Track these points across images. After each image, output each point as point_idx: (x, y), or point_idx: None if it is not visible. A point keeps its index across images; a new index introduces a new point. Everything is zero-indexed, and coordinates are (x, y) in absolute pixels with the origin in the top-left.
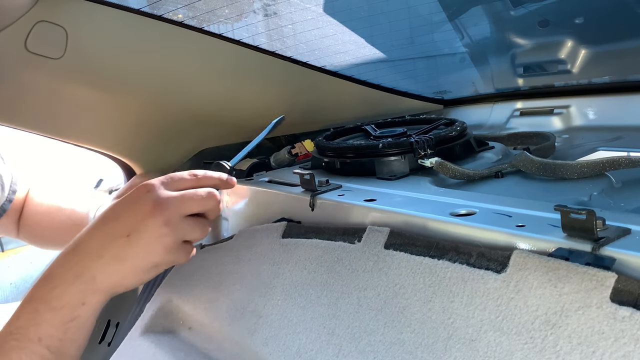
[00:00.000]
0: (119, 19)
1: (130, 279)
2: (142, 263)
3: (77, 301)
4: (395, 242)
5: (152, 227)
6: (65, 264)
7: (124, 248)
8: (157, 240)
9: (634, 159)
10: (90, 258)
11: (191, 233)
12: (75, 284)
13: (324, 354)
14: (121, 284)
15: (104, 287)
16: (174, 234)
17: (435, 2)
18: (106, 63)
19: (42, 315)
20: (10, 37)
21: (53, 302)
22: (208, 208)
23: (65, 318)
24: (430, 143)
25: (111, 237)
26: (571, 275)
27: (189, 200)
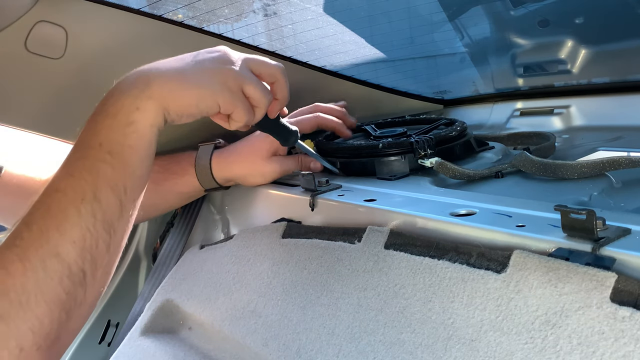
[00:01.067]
0: (119, 19)
1: (186, 95)
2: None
3: (131, 105)
4: (395, 242)
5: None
6: (125, 78)
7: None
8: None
9: (634, 159)
10: (150, 68)
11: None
12: (130, 90)
13: (324, 354)
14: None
15: (158, 94)
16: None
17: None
18: (106, 63)
19: (101, 123)
20: (10, 37)
21: (110, 109)
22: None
23: (121, 122)
24: (430, 143)
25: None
26: (571, 275)
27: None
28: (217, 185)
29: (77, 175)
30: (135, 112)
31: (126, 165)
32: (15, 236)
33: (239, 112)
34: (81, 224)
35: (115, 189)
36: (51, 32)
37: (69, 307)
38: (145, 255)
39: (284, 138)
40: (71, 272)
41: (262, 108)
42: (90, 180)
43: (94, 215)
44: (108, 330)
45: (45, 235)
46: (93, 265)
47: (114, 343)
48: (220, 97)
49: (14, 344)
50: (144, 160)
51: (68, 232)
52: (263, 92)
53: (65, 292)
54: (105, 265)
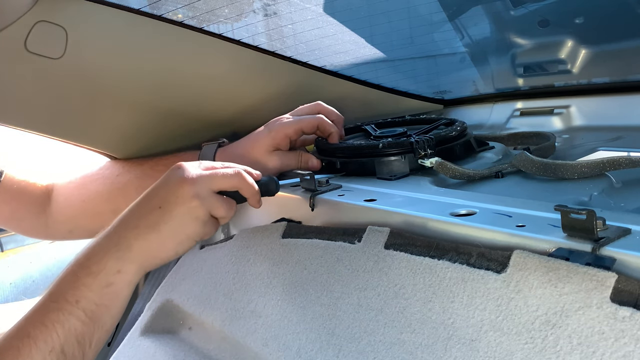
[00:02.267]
0: (119, 19)
1: (164, 249)
2: (174, 233)
3: (114, 268)
4: (395, 242)
5: (181, 199)
6: (106, 235)
7: (157, 218)
8: (187, 211)
9: (634, 159)
10: (127, 228)
11: (218, 209)
12: (112, 252)
13: (324, 354)
14: (156, 255)
15: (139, 256)
16: (203, 206)
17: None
18: (106, 63)
19: (81, 279)
20: (10, 37)
21: (92, 267)
22: (235, 184)
23: (101, 283)
24: (430, 143)
25: (146, 209)
26: (571, 275)
27: (217, 176)
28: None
29: (50, 327)
30: (116, 275)
31: (97, 322)
32: None
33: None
34: None
35: (82, 343)
36: (51, 32)
37: None
38: None
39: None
40: None
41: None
42: (62, 335)
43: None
44: None
45: None
46: None
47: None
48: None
49: None
50: (114, 316)
51: None
52: (228, 209)
53: None
54: None
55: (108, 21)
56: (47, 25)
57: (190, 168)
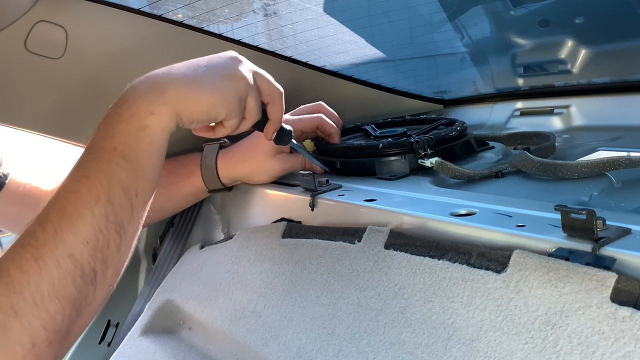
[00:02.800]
0: (119, 19)
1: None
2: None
3: (146, 110)
4: (395, 242)
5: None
6: (140, 82)
7: (199, 71)
8: (233, 79)
9: (634, 159)
10: (165, 74)
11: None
12: (145, 95)
13: (324, 354)
14: (189, 104)
15: (172, 100)
16: (245, 84)
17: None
18: (106, 63)
19: (115, 127)
20: (10, 37)
21: (124, 113)
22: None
23: (136, 126)
24: (430, 143)
25: (191, 65)
26: (571, 275)
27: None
28: (221, 185)
29: (92, 177)
30: (149, 117)
31: (139, 168)
32: (29, 235)
33: (235, 121)
34: (94, 225)
35: (128, 191)
36: (51, 32)
37: (80, 304)
38: (145, 255)
39: (278, 137)
40: (83, 271)
41: (250, 122)
42: (105, 183)
43: (106, 217)
44: (108, 330)
45: (59, 236)
46: (104, 264)
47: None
48: (230, 104)
49: (27, 339)
50: (155, 163)
51: (81, 233)
52: (258, 107)
53: (77, 290)
54: (115, 264)
55: (108, 21)
56: (47, 25)
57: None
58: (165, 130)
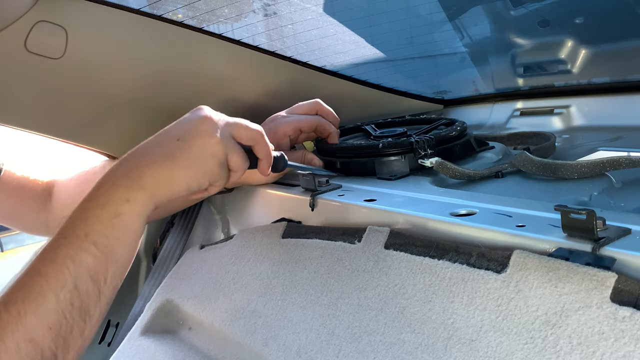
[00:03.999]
0: (119, 19)
1: (177, 180)
2: (189, 164)
3: (122, 197)
4: (395, 242)
5: (203, 133)
6: (116, 167)
7: (174, 148)
8: (206, 146)
9: (634, 159)
10: (139, 157)
11: (235, 155)
12: (122, 181)
13: (324, 354)
14: (168, 185)
15: (150, 185)
16: (222, 145)
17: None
18: (106, 63)
19: (89, 212)
20: (10, 37)
21: (100, 199)
22: (254, 137)
23: (110, 213)
24: (430, 143)
25: (163, 140)
26: (571, 275)
27: (239, 124)
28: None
29: (60, 262)
30: (124, 204)
31: (110, 256)
32: None
33: (222, 181)
34: (59, 310)
35: (96, 278)
36: (51, 32)
37: None
38: (145, 255)
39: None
40: (43, 356)
41: (240, 173)
42: (72, 270)
43: (72, 303)
44: (108, 330)
45: (22, 319)
46: (65, 349)
47: (114, 343)
48: (210, 172)
49: None
50: (127, 249)
51: (45, 318)
52: (243, 159)
53: None
54: (77, 348)
55: (108, 21)
56: (47, 25)
57: (212, 111)
58: (141, 216)
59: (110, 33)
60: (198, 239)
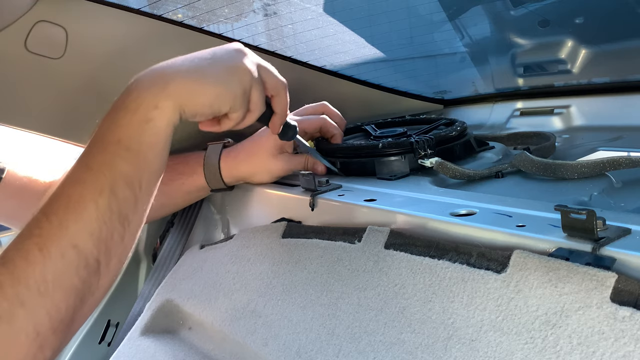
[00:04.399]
0: (119, 19)
1: (202, 93)
2: (216, 81)
3: (150, 103)
4: (395, 242)
5: (236, 60)
6: (145, 75)
7: (202, 63)
8: (236, 70)
9: (634, 159)
10: (169, 67)
11: (257, 92)
12: (150, 88)
13: (324, 354)
14: (193, 96)
15: (176, 93)
16: (249, 77)
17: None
18: (106, 63)
19: (120, 120)
20: (10, 37)
21: (129, 106)
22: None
23: (140, 118)
24: (430, 143)
25: (196, 57)
26: (571, 275)
27: (270, 70)
28: (223, 185)
29: (96, 169)
30: (153, 110)
31: (143, 161)
32: (34, 225)
33: (240, 113)
34: (98, 216)
35: (132, 184)
36: (51, 32)
37: (83, 294)
38: (145, 255)
39: (283, 132)
40: (87, 262)
41: (256, 114)
42: (109, 175)
43: (110, 208)
44: (108, 330)
45: (64, 227)
46: (108, 255)
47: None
48: (234, 96)
49: (31, 328)
50: (159, 156)
51: (86, 224)
52: (263, 100)
53: (81, 281)
54: (119, 255)
55: (108, 21)
56: (47, 25)
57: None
58: (169, 123)
59: (110, 33)
60: (198, 239)
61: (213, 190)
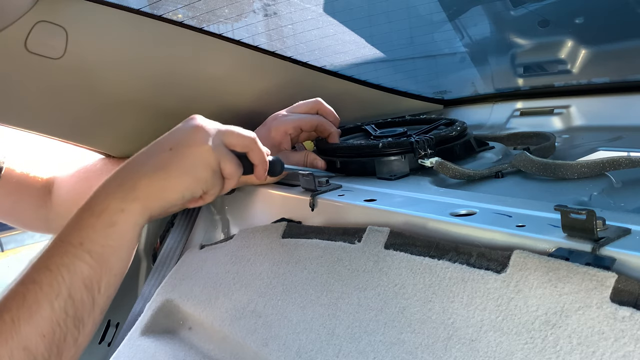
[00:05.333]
0: (119, 19)
1: (171, 190)
2: (182, 173)
3: (117, 207)
4: (395, 242)
5: (195, 142)
6: (111, 178)
7: (167, 159)
8: (199, 154)
9: (634, 159)
10: (133, 169)
11: (228, 162)
12: (116, 192)
13: (324, 354)
14: (161, 195)
15: (144, 195)
16: (214, 153)
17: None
18: (106, 63)
19: (85, 221)
20: (10, 37)
21: (95, 208)
22: (248, 145)
23: (105, 223)
24: (430, 143)
25: (155, 151)
26: (571, 275)
27: (232, 132)
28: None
29: (55, 271)
30: (119, 214)
31: (104, 265)
32: None
33: (216, 189)
34: (52, 318)
35: (90, 287)
36: (51, 32)
37: None
38: (145, 255)
39: (271, 172)
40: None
41: (234, 180)
42: (67, 278)
43: (66, 311)
44: (108, 330)
45: (16, 327)
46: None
47: (114, 343)
48: (203, 180)
49: None
50: (122, 260)
51: (39, 326)
52: (237, 167)
53: None
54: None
55: (108, 21)
56: (47, 25)
57: (205, 119)
58: (135, 226)
59: (110, 33)
60: (198, 239)
61: None
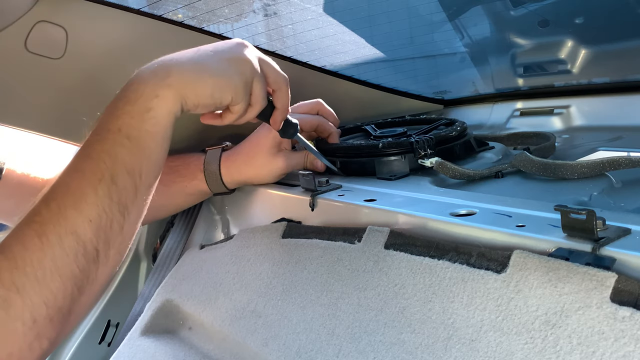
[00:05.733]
0: (119, 19)
1: (203, 84)
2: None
3: (151, 93)
4: (395, 242)
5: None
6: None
7: (204, 55)
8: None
9: (634, 159)
10: (170, 58)
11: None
12: (150, 79)
13: (324, 354)
14: (194, 87)
15: (177, 83)
16: (251, 70)
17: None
18: (106, 63)
19: (121, 108)
20: (10, 37)
21: (130, 95)
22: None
23: (141, 108)
24: (430, 143)
25: (196, 51)
26: (571, 275)
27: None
28: (225, 189)
29: (96, 158)
30: (154, 99)
31: (143, 150)
32: (34, 213)
33: (241, 106)
34: (97, 204)
35: (132, 172)
36: (51, 32)
37: (81, 283)
38: (145, 255)
39: (283, 129)
40: (86, 249)
41: (257, 108)
42: (109, 163)
43: (110, 196)
44: (108, 330)
45: (63, 213)
46: (106, 244)
47: (114, 343)
48: (235, 87)
49: (28, 315)
50: (160, 145)
51: (85, 211)
52: (264, 94)
53: (79, 268)
54: (118, 245)
55: (108, 21)
56: (47, 25)
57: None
58: (170, 113)
59: (110, 33)
60: (198, 239)
61: (215, 194)
